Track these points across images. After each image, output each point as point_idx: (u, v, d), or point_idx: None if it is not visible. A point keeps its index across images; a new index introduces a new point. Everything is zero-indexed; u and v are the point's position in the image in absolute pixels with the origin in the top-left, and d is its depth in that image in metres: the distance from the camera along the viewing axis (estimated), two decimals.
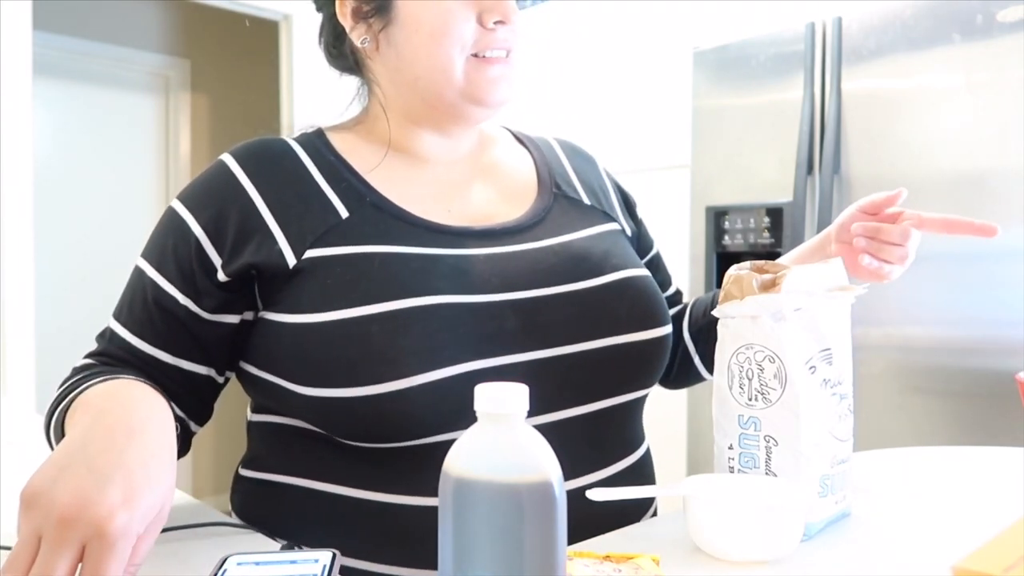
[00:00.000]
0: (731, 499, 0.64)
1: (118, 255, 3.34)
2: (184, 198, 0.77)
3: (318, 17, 0.87)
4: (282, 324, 0.73)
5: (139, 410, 0.61)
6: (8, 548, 0.64)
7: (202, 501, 0.84)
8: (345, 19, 0.82)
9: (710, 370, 0.94)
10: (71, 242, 3.23)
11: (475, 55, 0.78)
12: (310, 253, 0.73)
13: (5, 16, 2.24)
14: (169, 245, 0.75)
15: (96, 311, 3.16)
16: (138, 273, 0.77)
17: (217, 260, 0.74)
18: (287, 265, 0.73)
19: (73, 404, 0.66)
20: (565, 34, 2.94)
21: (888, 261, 0.83)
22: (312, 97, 2.88)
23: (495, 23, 0.77)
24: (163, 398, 0.66)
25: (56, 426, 0.68)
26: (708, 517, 0.62)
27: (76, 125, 3.28)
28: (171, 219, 0.77)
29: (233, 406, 1.04)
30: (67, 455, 0.54)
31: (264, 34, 3.09)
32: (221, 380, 0.80)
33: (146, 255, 0.77)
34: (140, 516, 0.52)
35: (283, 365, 0.73)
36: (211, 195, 0.76)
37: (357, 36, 0.81)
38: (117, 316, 0.77)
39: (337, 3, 0.82)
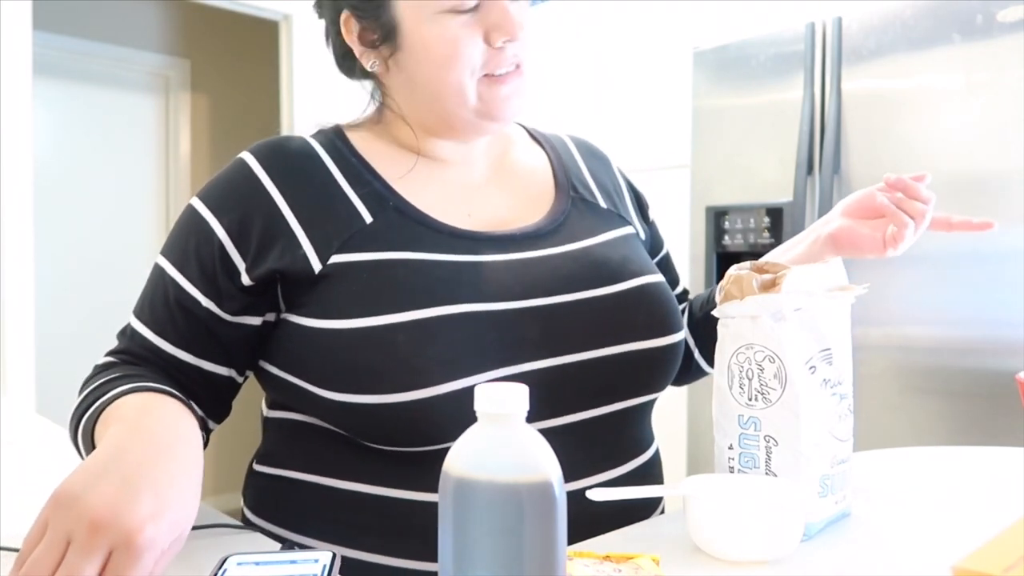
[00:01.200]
0: (731, 499, 0.64)
1: (118, 255, 3.35)
2: (205, 198, 0.76)
3: (320, 20, 0.86)
4: (307, 328, 0.72)
5: (172, 429, 0.62)
6: (9, 549, 0.64)
7: (203, 501, 0.84)
8: (353, 43, 0.80)
9: (710, 362, 0.94)
10: (71, 242, 3.23)
11: (486, 74, 0.77)
12: (335, 259, 0.73)
13: (5, 16, 2.24)
14: (191, 246, 0.74)
15: (96, 311, 3.18)
16: (159, 272, 0.76)
17: (241, 264, 0.73)
18: (312, 270, 0.72)
19: (105, 413, 0.66)
20: (565, 34, 2.94)
21: (909, 213, 0.82)
22: (312, 97, 2.88)
23: (504, 42, 0.76)
24: (192, 416, 0.66)
25: (86, 432, 0.68)
26: (708, 517, 0.62)
27: (76, 125, 3.28)
28: (192, 219, 0.76)
29: (234, 407, 1.04)
30: (102, 464, 0.55)
31: (264, 34, 3.09)
32: (241, 380, 0.80)
33: (167, 254, 0.76)
34: (167, 530, 0.53)
35: (307, 369, 0.73)
36: (234, 197, 0.75)
37: (367, 61, 0.80)
38: (139, 314, 0.77)
39: (342, 26, 0.80)
